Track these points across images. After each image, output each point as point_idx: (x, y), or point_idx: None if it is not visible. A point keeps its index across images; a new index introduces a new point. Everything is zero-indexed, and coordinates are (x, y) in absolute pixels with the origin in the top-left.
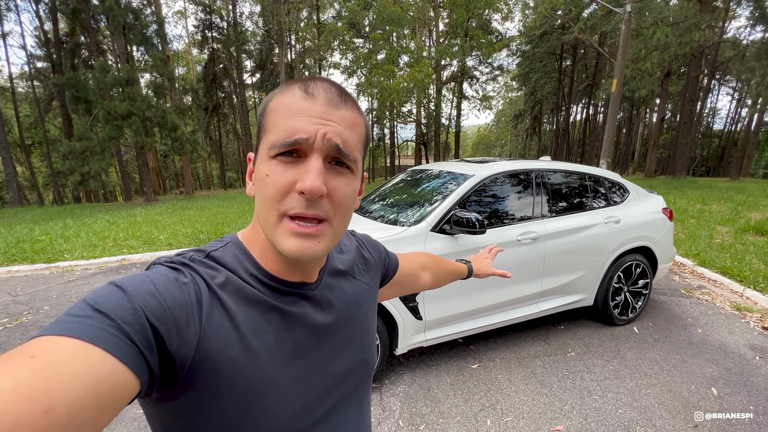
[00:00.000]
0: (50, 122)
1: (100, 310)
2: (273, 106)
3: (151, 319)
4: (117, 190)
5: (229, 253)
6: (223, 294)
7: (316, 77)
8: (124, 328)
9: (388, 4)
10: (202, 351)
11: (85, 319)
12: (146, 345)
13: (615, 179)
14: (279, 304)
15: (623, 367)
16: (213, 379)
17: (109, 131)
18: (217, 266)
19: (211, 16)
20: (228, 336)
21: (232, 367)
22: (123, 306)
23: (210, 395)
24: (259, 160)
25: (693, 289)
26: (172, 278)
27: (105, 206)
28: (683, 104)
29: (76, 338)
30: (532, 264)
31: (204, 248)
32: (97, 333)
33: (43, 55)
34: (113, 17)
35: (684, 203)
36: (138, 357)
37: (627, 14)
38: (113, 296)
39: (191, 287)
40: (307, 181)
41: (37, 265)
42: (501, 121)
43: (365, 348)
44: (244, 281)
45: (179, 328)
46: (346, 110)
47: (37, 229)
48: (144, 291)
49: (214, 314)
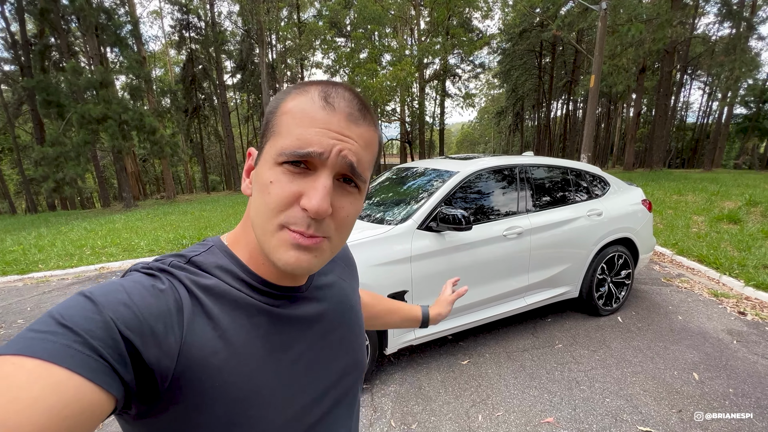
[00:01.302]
0: (20, 128)
1: (65, 324)
2: (287, 109)
3: (124, 330)
4: (95, 196)
5: (213, 258)
6: (207, 300)
7: (337, 83)
8: (91, 343)
9: (369, 3)
10: (185, 361)
11: (48, 335)
12: (118, 360)
13: (596, 173)
14: (268, 307)
15: (609, 356)
16: (198, 390)
17: (84, 136)
18: (198, 271)
19: (188, 15)
20: (212, 343)
21: (219, 376)
22: (91, 319)
23: (196, 408)
24: (263, 162)
25: (672, 278)
26: (149, 285)
27: (82, 213)
28: (658, 99)
29: (37, 358)
30: (518, 258)
31: (184, 253)
32: (60, 350)
33: (10, 58)
34: (85, 17)
35: (661, 194)
36: (109, 373)
37: (603, 11)
38: (81, 308)
39: (170, 294)
40: (314, 201)
41: (9, 277)
42: (484, 118)
43: (357, 350)
44: (230, 285)
45: (157, 339)
46: (364, 127)
47: (9, 239)
48: (116, 301)
49: (196, 321)
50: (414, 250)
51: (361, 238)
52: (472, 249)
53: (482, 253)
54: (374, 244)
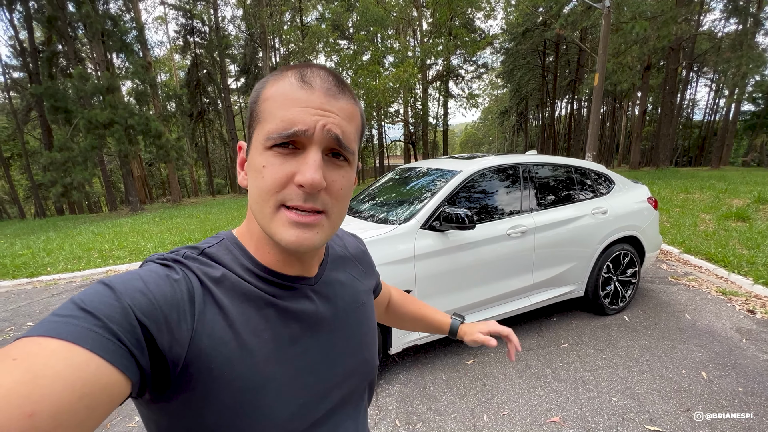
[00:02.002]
0: (29, 134)
1: (87, 309)
2: (267, 95)
3: (140, 317)
4: (102, 200)
5: (224, 250)
6: (218, 291)
7: (311, 64)
8: (111, 327)
9: (371, 5)
10: (195, 349)
11: (70, 319)
12: (136, 344)
13: (601, 171)
14: (276, 300)
15: (615, 355)
16: (207, 378)
17: (91, 141)
18: (211, 263)
19: (192, 20)
20: (222, 334)
21: (227, 365)
22: (110, 305)
23: (204, 395)
24: (253, 150)
25: (680, 276)
26: (164, 275)
27: (90, 217)
28: (664, 96)
29: (61, 339)
30: (522, 257)
31: (198, 245)
32: (82, 333)
33: (19, 65)
34: (91, 24)
35: (668, 193)
36: (127, 357)
37: (606, 9)
38: (100, 295)
39: (183, 284)
40: (307, 175)
41: (18, 280)
42: (488, 118)
43: (365, 349)
44: (240, 277)
45: (170, 326)
46: (344, 101)
47: (18, 243)
48: (133, 288)
49: (207, 311)
50: (417, 249)
51: (365, 238)
52: (476, 248)
53: (486, 252)
54: (377, 243)
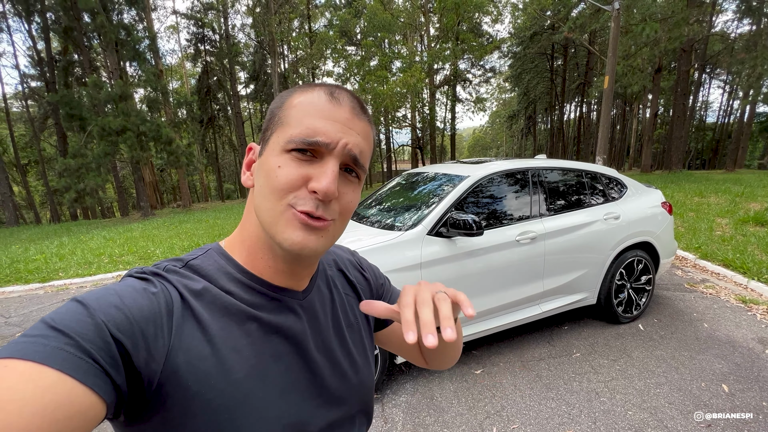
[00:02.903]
0: (45, 141)
1: (57, 327)
2: (295, 102)
3: (115, 333)
4: (114, 206)
5: (210, 261)
6: (197, 304)
7: (340, 86)
8: (83, 345)
9: (379, 11)
10: (172, 365)
11: (39, 339)
12: (110, 362)
13: (612, 175)
14: (259, 312)
15: (630, 366)
16: (184, 396)
17: (104, 147)
18: (192, 275)
19: (203, 29)
20: (200, 349)
21: (205, 382)
22: (83, 321)
23: (182, 415)
24: (269, 151)
25: (696, 283)
26: (140, 289)
27: (102, 222)
28: (675, 99)
29: (29, 360)
30: (532, 264)
31: (183, 257)
32: (52, 353)
33: (36, 75)
34: (105, 34)
35: (682, 197)
36: (101, 376)
37: (615, 11)
38: (72, 312)
39: (161, 297)
40: (324, 182)
41: (31, 285)
42: (496, 122)
43: (358, 372)
44: (223, 289)
45: (147, 342)
46: (364, 122)
47: (33, 248)
48: (107, 304)
49: (185, 326)
50: (424, 256)
51: (371, 244)
52: (484, 255)
53: (495, 258)
54: (383, 250)
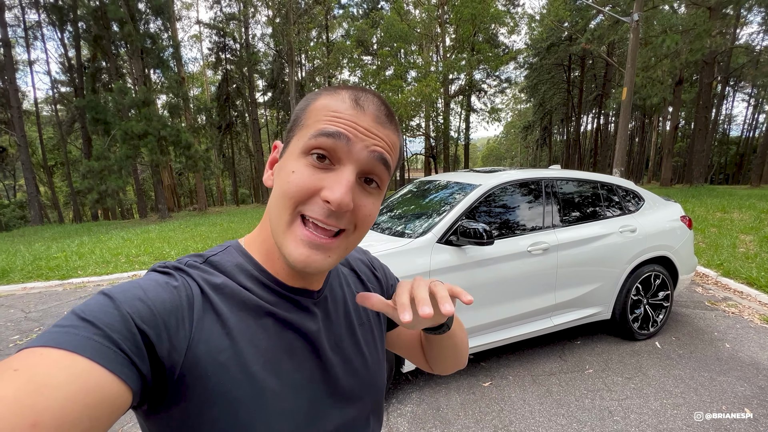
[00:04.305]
0: (72, 143)
1: (87, 318)
2: (319, 105)
3: (140, 324)
4: (134, 207)
5: (229, 258)
6: (217, 298)
7: (366, 89)
8: (111, 335)
9: (396, 21)
10: (192, 356)
11: (70, 329)
12: (136, 352)
13: (629, 187)
14: (275, 309)
15: (646, 385)
16: (203, 386)
17: (126, 150)
18: (212, 271)
19: (224, 38)
20: (219, 341)
21: (223, 374)
22: (110, 313)
23: (200, 405)
24: (288, 154)
25: (718, 301)
26: (163, 282)
27: (121, 223)
28: (697, 111)
29: (62, 349)
30: (543, 276)
31: (203, 254)
32: (83, 342)
33: (66, 80)
34: (132, 42)
35: (703, 211)
36: (128, 365)
37: (635, 23)
38: (100, 304)
39: (182, 291)
40: (337, 193)
41: (51, 281)
42: (510, 132)
43: (369, 371)
44: (241, 285)
45: (169, 333)
46: (390, 130)
47: (54, 246)
48: (132, 297)
49: (205, 319)
50: (433, 264)
51: (380, 251)
52: (495, 264)
53: (505, 269)
54: (392, 257)
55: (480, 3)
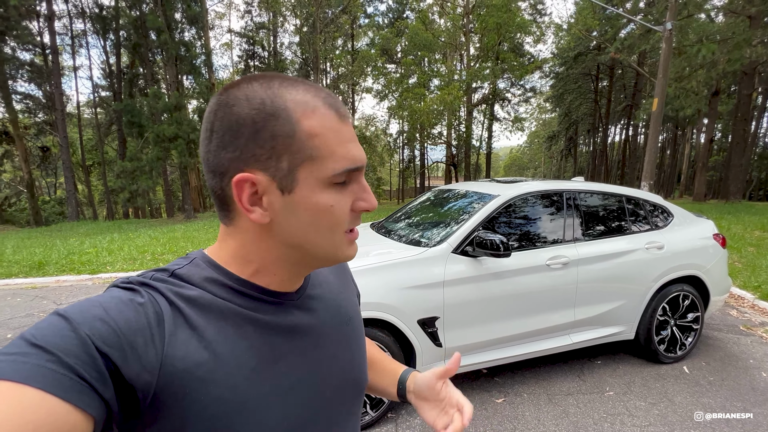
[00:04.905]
0: (108, 145)
1: (37, 344)
2: (313, 131)
3: (101, 346)
4: (162, 207)
5: (197, 269)
6: (190, 311)
7: (328, 93)
8: (66, 361)
9: (420, 30)
10: (167, 375)
11: (18, 357)
12: (97, 377)
13: (657, 201)
14: (255, 314)
15: (672, 412)
16: (182, 405)
17: (157, 152)
18: (182, 283)
19: (254, 46)
20: (197, 355)
21: (203, 389)
22: (65, 336)
23: (180, 425)
24: (305, 189)
25: (754, 326)
26: (126, 300)
27: (150, 222)
28: (735, 124)
29: (7, 380)
30: (563, 291)
31: (167, 267)
32: (32, 371)
33: (106, 85)
34: (168, 50)
35: (740, 229)
36: (87, 392)
37: (668, 32)
38: (54, 327)
39: (149, 307)
40: (373, 201)
41: (82, 275)
42: (534, 142)
43: (355, 368)
44: (215, 295)
45: (137, 353)
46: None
47: (87, 242)
48: (91, 317)
49: (178, 333)
50: (448, 274)
51: (393, 258)
52: (511, 277)
53: (522, 282)
54: (406, 265)
55: (506, 12)
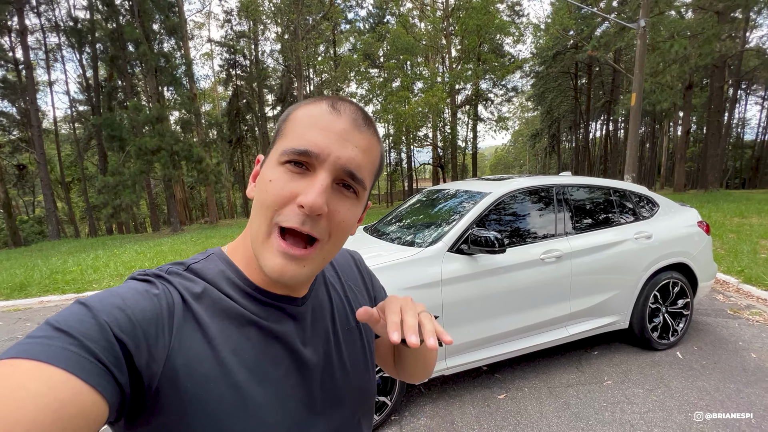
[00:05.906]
0: (88, 160)
1: (61, 328)
2: (297, 115)
3: (118, 333)
4: (147, 221)
5: (211, 265)
6: (198, 307)
7: (345, 98)
8: (88, 345)
9: (402, 35)
10: (171, 367)
11: (44, 340)
12: (114, 362)
13: (642, 192)
14: (258, 318)
15: (669, 397)
16: (182, 399)
17: (140, 166)
18: (194, 278)
19: (235, 55)
20: (200, 351)
21: (204, 385)
22: (86, 322)
23: (179, 419)
24: (267, 163)
25: (741, 309)
26: (143, 290)
27: (135, 237)
28: (709, 116)
29: (34, 360)
30: (557, 284)
31: (185, 261)
32: (57, 353)
33: (84, 99)
34: (147, 61)
35: (720, 217)
36: (105, 376)
37: (642, 29)
38: (76, 314)
39: (163, 299)
40: (309, 197)
41: (67, 295)
42: (518, 141)
43: (357, 376)
44: (224, 293)
45: (149, 342)
46: (366, 134)
47: (71, 260)
48: (110, 305)
49: (185, 327)
50: (445, 273)
51: (389, 260)
52: (507, 273)
53: (518, 277)
54: (403, 266)
55: (485, 14)
